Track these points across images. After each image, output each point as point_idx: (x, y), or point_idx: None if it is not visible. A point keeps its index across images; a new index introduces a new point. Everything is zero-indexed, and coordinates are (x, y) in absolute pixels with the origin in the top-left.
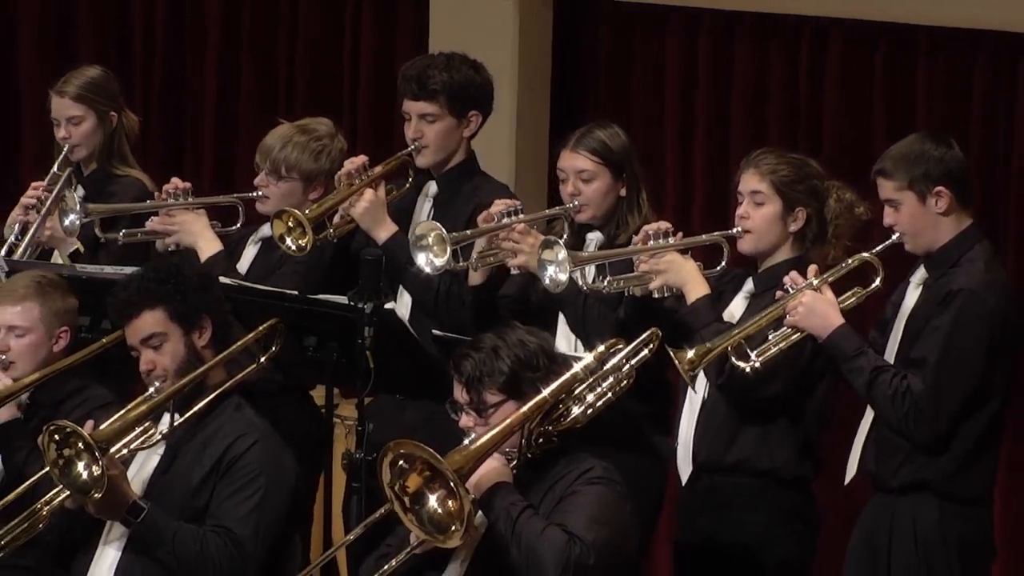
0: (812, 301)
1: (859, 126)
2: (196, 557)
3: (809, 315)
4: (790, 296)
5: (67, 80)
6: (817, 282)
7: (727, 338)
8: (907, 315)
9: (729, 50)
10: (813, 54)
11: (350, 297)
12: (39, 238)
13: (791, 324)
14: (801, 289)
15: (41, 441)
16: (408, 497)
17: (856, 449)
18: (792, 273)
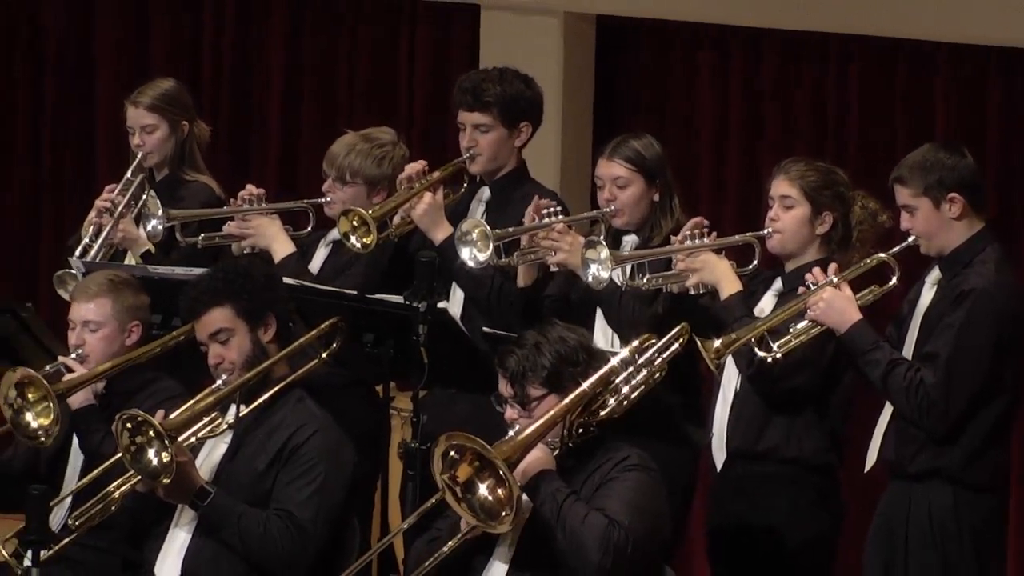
0: (832, 297)
1: (881, 136)
2: (260, 539)
3: (828, 310)
4: (811, 292)
5: (142, 91)
6: (837, 279)
7: (751, 329)
8: (922, 313)
9: (758, 65)
10: (838, 69)
11: (406, 296)
12: (112, 240)
13: (811, 318)
14: (822, 286)
15: (115, 428)
16: (459, 486)
17: (876, 438)
18: (814, 270)
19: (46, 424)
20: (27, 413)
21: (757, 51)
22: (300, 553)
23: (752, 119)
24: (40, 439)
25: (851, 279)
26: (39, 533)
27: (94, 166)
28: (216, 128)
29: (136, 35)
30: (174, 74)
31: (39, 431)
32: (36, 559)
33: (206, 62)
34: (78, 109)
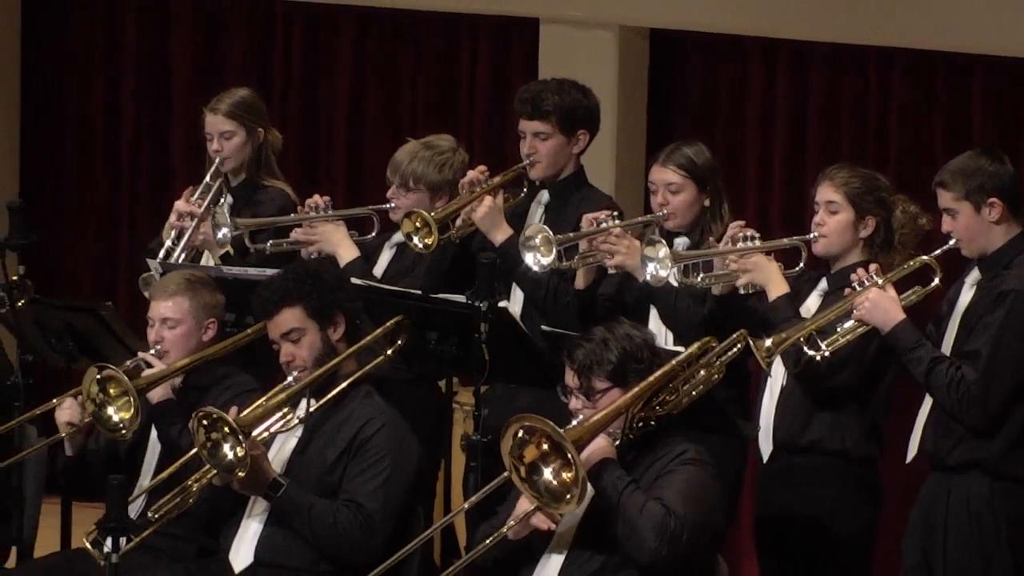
0: (877, 297)
1: (921, 144)
2: (330, 528)
3: (874, 310)
4: (857, 293)
5: (220, 99)
6: (882, 281)
7: (800, 329)
8: (962, 312)
9: (804, 75)
10: (880, 79)
11: (468, 296)
12: (193, 242)
13: (858, 318)
14: (868, 287)
15: (191, 426)
16: (524, 467)
17: (917, 431)
18: (859, 271)
19: (127, 418)
20: (109, 407)
21: (802, 62)
22: (368, 542)
23: (797, 127)
24: (121, 432)
25: (895, 280)
26: (118, 521)
27: (170, 172)
28: (286, 137)
29: (210, 48)
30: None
31: (120, 425)
32: (116, 546)
33: (277, 75)
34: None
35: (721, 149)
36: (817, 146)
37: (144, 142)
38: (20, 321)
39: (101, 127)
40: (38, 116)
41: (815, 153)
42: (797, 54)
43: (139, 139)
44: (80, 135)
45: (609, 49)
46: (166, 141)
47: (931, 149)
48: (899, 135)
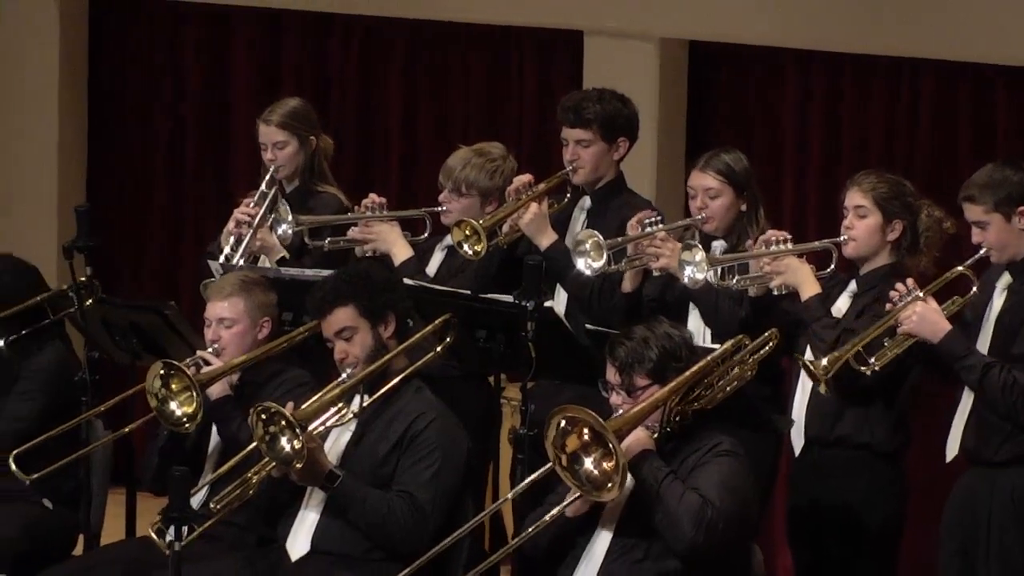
0: (923, 311)
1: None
2: (384, 518)
3: (921, 323)
4: (900, 307)
5: (272, 110)
6: (923, 293)
7: (850, 348)
8: (996, 316)
9: (837, 86)
10: (909, 90)
11: (515, 296)
12: (251, 248)
13: (905, 332)
14: (909, 301)
15: (250, 420)
16: (566, 456)
17: (956, 431)
18: (899, 285)
19: (189, 412)
20: (172, 402)
21: (835, 73)
22: (420, 531)
23: (830, 135)
24: (184, 425)
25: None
26: (181, 511)
27: (230, 177)
28: (342, 144)
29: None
30: (302, 94)
31: (183, 418)
32: (178, 535)
33: (333, 85)
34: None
35: (757, 156)
36: (849, 153)
37: (206, 148)
38: (87, 320)
39: (164, 134)
40: (104, 124)
41: (848, 160)
42: (830, 65)
43: (201, 145)
44: (144, 142)
45: (650, 60)
46: (227, 147)
47: (957, 156)
48: (927, 143)
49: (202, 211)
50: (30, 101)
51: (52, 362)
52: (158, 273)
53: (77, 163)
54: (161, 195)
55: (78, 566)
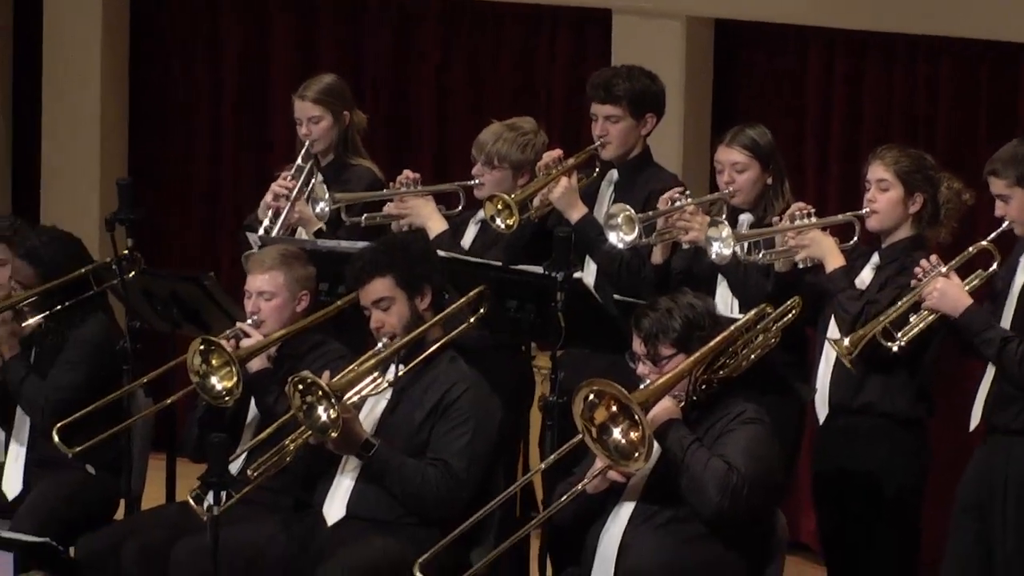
0: (945, 286)
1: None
2: (418, 485)
3: (943, 298)
4: (924, 283)
5: (307, 86)
6: (945, 269)
7: (875, 325)
8: (1019, 291)
9: (860, 63)
10: (929, 67)
11: (545, 267)
12: (289, 220)
13: (928, 307)
14: (932, 276)
15: (287, 390)
16: (595, 428)
17: (979, 401)
18: (922, 262)
19: (229, 386)
20: (212, 377)
21: (858, 50)
22: (454, 497)
23: (852, 111)
24: (224, 399)
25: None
26: (219, 477)
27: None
28: (377, 119)
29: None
30: (338, 71)
31: (223, 392)
32: (216, 499)
33: (368, 61)
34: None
35: (781, 132)
36: (871, 129)
37: (244, 123)
38: (129, 291)
39: (204, 109)
40: (145, 99)
41: (869, 135)
42: (853, 43)
43: (239, 120)
44: (184, 117)
45: (677, 38)
46: (265, 122)
47: (976, 132)
48: (946, 119)
49: (241, 184)
50: (73, 77)
51: (95, 332)
52: (198, 245)
53: (119, 138)
54: (201, 169)
55: (119, 530)
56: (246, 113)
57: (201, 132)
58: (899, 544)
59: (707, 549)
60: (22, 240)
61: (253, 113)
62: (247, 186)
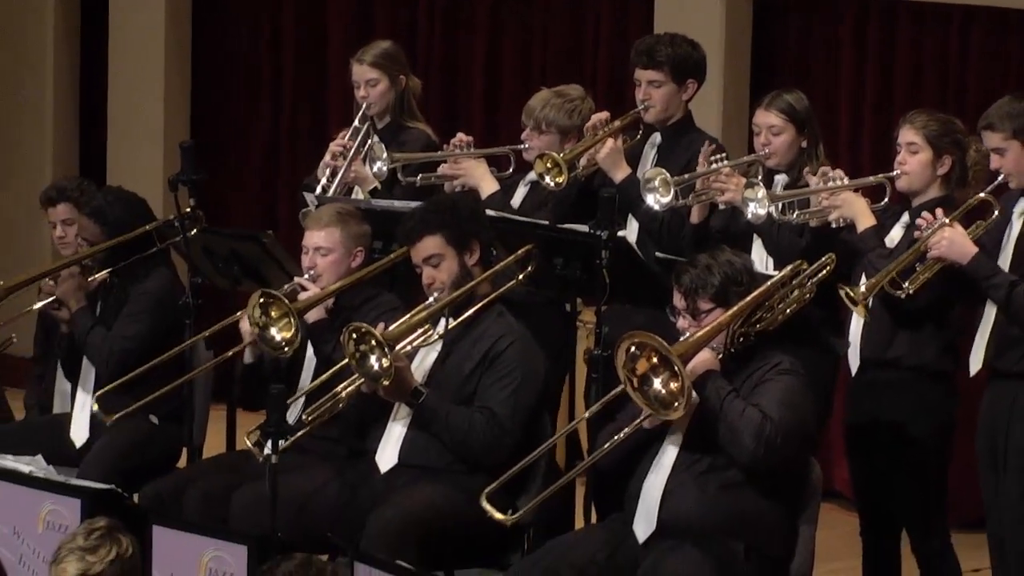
0: (952, 235)
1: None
2: (465, 433)
3: (950, 247)
4: (929, 234)
5: (365, 50)
6: (949, 219)
7: (886, 274)
8: (1015, 239)
9: (892, 32)
10: (959, 36)
11: (590, 226)
12: (346, 179)
13: (935, 256)
14: (937, 227)
15: (342, 339)
16: (636, 378)
17: (978, 347)
18: (924, 214)
19: (288, 336)
20: (271, 328)
21: (890, 20)
22: (499, 445)
23: (884, 77)
24: (283, 350)
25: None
26: (277, 426)
27: (325, 115)
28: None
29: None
30: (394, 38)
31: (282, 343)
32: (275, 448)
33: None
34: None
35: (816, 98)
36: (902, 95)
37: (302, 86)
38: (191, 248)
39: (264, 74)
40: (207, 64)
41: (901, 101)
42: (885, 12)
43: (298, 83)
44: (245, 81)
45: (716, 6)
46: (323, 85)
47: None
48: (976, 85)
49: (298, 146)
50: (138, 44)
51: (158, 287)
52: (257, 204)
53: (181, 102)
54: (260, 131)
55: (182, 477)
56: (304, 77)
57: (260, 96)
58: (927, 490)
59: (745, 496)
60: (88, 200)
61: (310, 78)
62: (304, 148)
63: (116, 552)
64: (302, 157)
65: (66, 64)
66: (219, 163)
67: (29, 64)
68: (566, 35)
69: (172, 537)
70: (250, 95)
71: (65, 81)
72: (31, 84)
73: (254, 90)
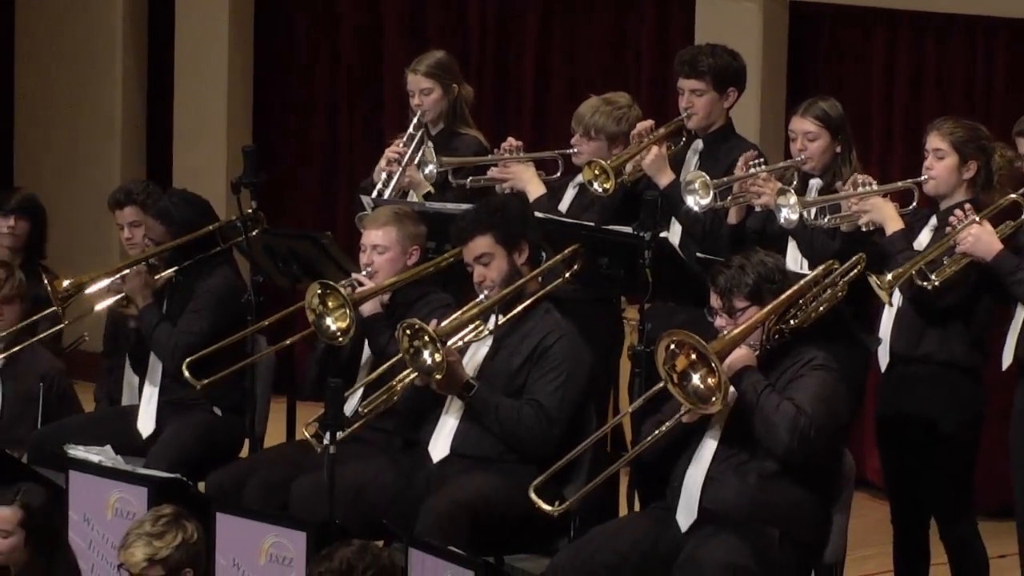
0: (978, 232)
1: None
2: (514, 424)
3: (976, 243)
4: (958, 230)
5: (419, 60)
6: (979, 217)
7: (913, 264)
8: None
9: (921, 42)
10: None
11: (635, 228)
12: (400, 184)
13: (962, 251)
14: (967, 224)
15: (397, 335)
16: (676, 375)
17: (1010, 342)
18: (956, 211)
19: (343, 327)
20: (327, 318)
21: (919, 30)
22: (547, 436)
23: (914, 85)
24: (338, 339)
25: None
26: (335, 418)
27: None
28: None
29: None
30: (446, 48)
31: (337, 332)
32: (332, 439)
33: (473, 39)
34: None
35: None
36: (931, 102)
37: (359, 94)
38: (253, 248)
39: (323, 81)
40: (268, 73)
41: (929, 108)
42: (915, 23)
43: (354, 91)
44: (304, 88)
45: (755, 19)
46: (378, 93)
47: None
48: (1001, 93)
49: (355, 150)
50: (202, 55)
51: (220, 285)
52: (315, 206)
53: (244, 108)
54: (319, 136)
55: (244, 467)
56: (360, 85)
57: (318, 102)
58: (956, 481)
59: (781, 486)
60: (154, 202)
61: (367, 86)
62: (360, 152)
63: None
64: (359, 161)
65: (134, 75)
66: (279, 166)
67: (100, 75)
68: (611, 45)
69: (235, 524)
70: (309, 101)
71: (133, 91)
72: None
73: (313, 97)
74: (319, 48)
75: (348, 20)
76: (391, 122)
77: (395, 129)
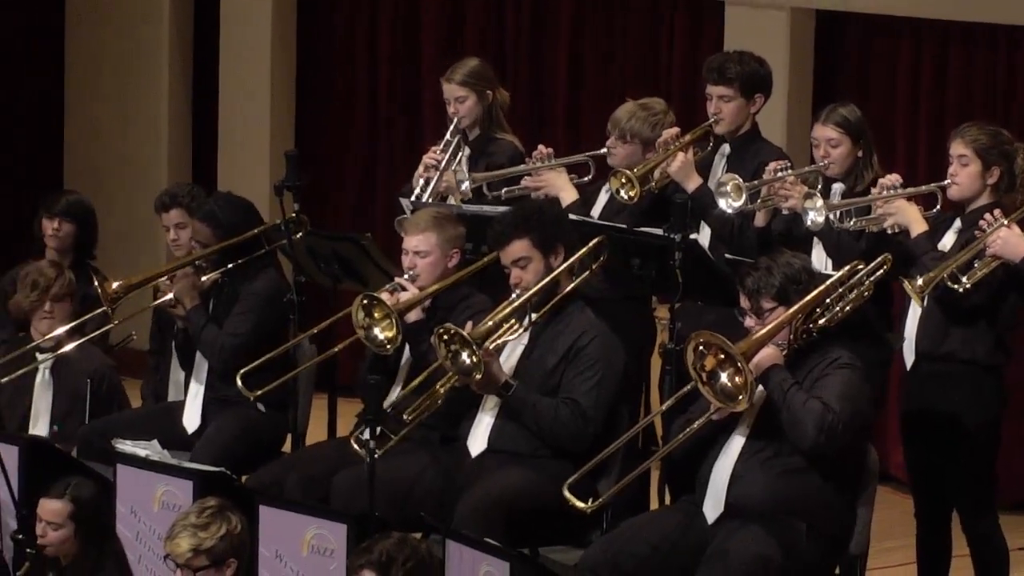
0: (1007, 235)
1: None
2: (551, 421)
3: (1005, 246)
4: (987, 233)
5: (454, 69)
6: (1007, 221)
7: (944, 268)
8: None
9: (945, 50)
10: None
11: (665, 230)
12: (438, 189)
13: (991, 254)
14: (995, 227)
15: (433, 341)
16: (705, 374)
17: None
18: (986, 215)
19: (390, 336)
20: (375, 329)
21: (943, 38)
22: (583, 433)
23: (937, 92)
24: (387, 348)
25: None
26: (375, 415)
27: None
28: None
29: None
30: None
31: (386, 342)
32: (372, 434)
33: (509, 47)
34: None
35: (875, 111)
36: (955, 108)
37: (398, 99)
38: (296, 249)
39: (363, 88)
40: (310, 79)
41: (953, 114)
42: (939, 31)
43: (394, 97)
44: (345, 96)
45: (782, 26)
46: (417, 98)
47: None
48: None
49: (394, 154)
50: (246, 61)
51: (265, 286)
52: (356, 209)
53: (287, 113)
54: (359, 142)
55: (287, 462)
56: (399, 91)
57: (358, 108)
58: (978, 476)
59: (807, 480)
60: (199, 205)
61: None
62: (399, 156)
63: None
64: (398, 164)
65: (180, 81)
66: (321, 170)
67: (147, 82)
68: (643, 52)
69: (277, 516)
70: (350, 107)
71: (179, 97)
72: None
73: (353, 103)
74: (359, 55)
75: (387, 27)
76: (429, 126)
77: (433, 135)
